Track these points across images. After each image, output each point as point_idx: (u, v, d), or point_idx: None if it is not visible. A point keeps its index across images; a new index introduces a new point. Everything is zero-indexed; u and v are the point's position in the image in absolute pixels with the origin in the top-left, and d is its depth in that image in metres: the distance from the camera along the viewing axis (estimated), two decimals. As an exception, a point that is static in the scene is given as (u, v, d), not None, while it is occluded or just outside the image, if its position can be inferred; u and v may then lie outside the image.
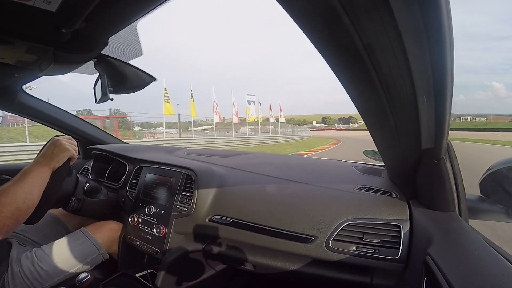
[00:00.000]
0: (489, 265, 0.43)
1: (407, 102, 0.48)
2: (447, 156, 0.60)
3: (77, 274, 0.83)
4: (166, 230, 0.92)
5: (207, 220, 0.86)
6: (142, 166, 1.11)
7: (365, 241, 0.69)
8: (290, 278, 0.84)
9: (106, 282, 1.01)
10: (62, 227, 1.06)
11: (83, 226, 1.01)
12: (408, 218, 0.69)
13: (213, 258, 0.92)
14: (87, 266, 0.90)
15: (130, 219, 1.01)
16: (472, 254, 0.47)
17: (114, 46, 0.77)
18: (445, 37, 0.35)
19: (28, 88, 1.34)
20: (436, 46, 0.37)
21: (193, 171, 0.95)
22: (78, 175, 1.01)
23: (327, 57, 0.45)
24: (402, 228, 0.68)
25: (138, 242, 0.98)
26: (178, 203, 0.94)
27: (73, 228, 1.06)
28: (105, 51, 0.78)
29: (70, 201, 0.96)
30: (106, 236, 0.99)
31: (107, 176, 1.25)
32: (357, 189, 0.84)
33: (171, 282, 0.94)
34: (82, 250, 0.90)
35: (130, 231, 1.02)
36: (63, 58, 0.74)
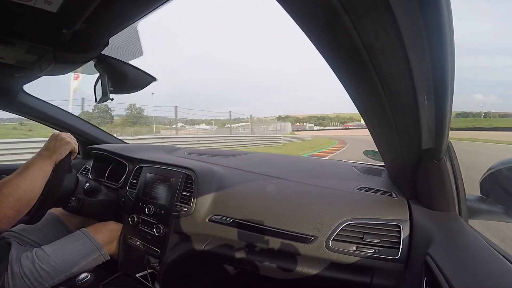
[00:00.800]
0: (489, 265, 0.43)
1: (408, 102, 0.48)
2: (447, 156, 0.60)
3: (77, 274, 0.83)
4: (166, 230, 0.92)
5: (207, 220, 0.86)
6: (142, 166, 1.11)
7: (365, 241, 0.69)
8: (290, 278, 0.84)
9: (106, 282, 1.01)
10: (62, 227, 1.06)
11: (83, 226, 1.01)
12: (408, 218, 0.69)
13: (213, 258, 0.92)
14: (88, 267, 0.90)
15: (130, 219, 1.01)
16: (472, 254, 0.47)
17: (114, 46, 0.77)
18: (445, 37, 0.35)
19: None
20: (436, 46, 0.37)
21: (193, 171, 0.95)
22: (78, 175, 1.01)
23: (328, 57, 0.45)
24: (402, 228, 0.68)
25: (138, 242, 0.98)
26: (178, 203, 0.94)
27: (73, 228, 1.06)
28: (105, 51, 0.78)
29: (70, 201, 0.96)
30: (106, 236, 0.99)
31: (107, 176, 1.25)
32: (357, 189, 0.84)
33: (171, 282, 0.94)
34: (83, 251, 0.90)
35: (130, 231, 1.02)
36: (64, 58, 0.75)
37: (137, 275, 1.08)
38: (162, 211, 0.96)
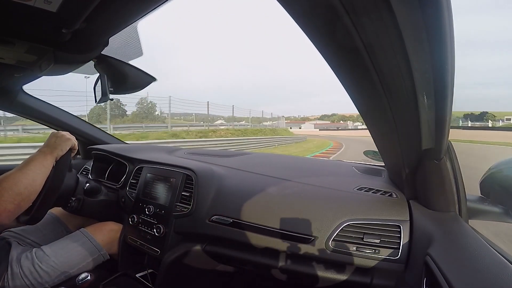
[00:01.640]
0: (489, 265, 0.43)
1: (408, 102, 0.48)
2: (447, 156, 0.60)
3: (77, 274, 0.83)
4: (166, 230, 0.92)
5: (207, 220, 0.86)
6: (142, 166, 1.11)
7: (365, 241, 0.69)
8: (290, 278, 0.84)
9: (106, 282, 1.00)
10: (62, 228, 1.06)
11: (83, 227, 1.01)
12: (408, 219, 0.69)
13: (213, 258, 0.92)
14: (88, 267, 0.90)
15: (130, 219, 1.01)
16: (472, 254, 0.47)
17: (114, 46, 0.77)
18: (445, 37, 0.35)
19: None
20: (436, 46, 0.37)
21: (193, 171, 0.95)
22: (78, 175, 1.01)
23: (328, 57, 0.45)
24: (402, 228, 0.68)
25: (138, 242, 0.98)
26: (178, 203, 0.94)
27: (73, 228, 1.06)
28: (105, 51, 0.78)
29: (70, 201, 0.96)
30: (106, 236, 0.99)
31: (107, 176, 1.25)
32: (357, 189, 0.84)
33: (171, 282, 0.94)
34: (83, 251, 0.90)
35: (130, 231, 1.02)
36: (63, 58, 0.75)
37: (137, 275, 1.08)
38: (162, 211, 0.95)
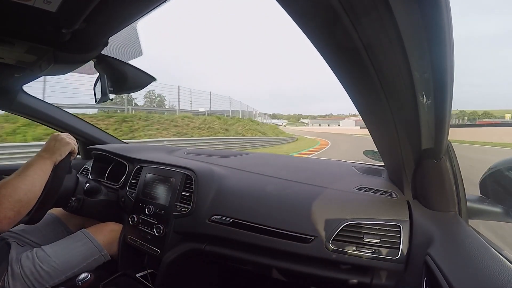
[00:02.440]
0: (489, 265, 0.43)
1: (407, 102, 0.48)
2: (447, 156, 0.60)
3: (77, 274, 0.83)
4: (166, 230, 0.92)
5: (207, 220, 0.86)
6: (142, 166, 1.11)
7: (365, 241, 0.69)
8: (290, 278, 0.84)
9: (106, 282, 1.00)
10: (62, 228, 1.06)
11: (83, 227, 1.01)
12: (408, 218, 0.69)
13: (213, 258, 0.92)
14: (89, 267, 0.90)
15: (130, 219, 1.01)
16: (472, 254, 0.47)
17: (114, 46, 0.77)
18: (445, 37, 0.35)
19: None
20: (436, 46, 0.37)
21: (193, 171, 0.95)
22: (78, 175, 1.01)
23: (327, 57, 0.45)
24: (402, 228, 0.68)
25: (138, 242, 0.98)
26: (178, 203, 0.94)
27: (73, 228, 1.06)
28: (105, 51, 0.78)
29: (70, 201, 0.96)
30: (107, 237, 0.99)
31: (107, 176, 1.26)
32: (357, 189, 0.84)
33: (171, 282, 0.94)
34: (84, 252, 0.90)
35: (130, 231, 1.02)
36: (63, 58, 0.75)
37: (137, 275, 1.08)
38: (162, 211, 0.95)
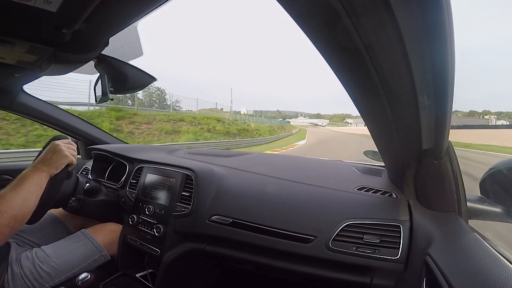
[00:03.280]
0: (489, 265, 0.43)
1: (408, 102, 0.48)
2: (447, 156, 0.60)
3: (77, 274, 0.83)
4: (166, 230, 0.92)
5: (207, 220, 0.86)
6: (142, 166, 1.11)
7: (365, 241, 0.69)
8: (290, 278, 0.84)
9: (106, 282, 1.00)
10: (61, 228, 1.06)
11: (83, 227, 1.01)
12: (408, 218, 0.69)
13: (213, 258, 0.92)
14: (89, 268, 0.89)
15: (130, 219, 1.01)
16: (472, 254, 0.47)
17: (114, 47, 0.77)
18: (445, 37, 0.35)
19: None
20: (436, 46, 0.37)
21: (193, 171, 0.95)
22: (78, 175, 1.01)
23: (328, 57, 0.45)
24: (402, 228, 0.68)
25: (138, 242, 0.98)
26: (178, 203, 0.94)
27: (73, 228, 1.06)
28: (105, 51, 0.78)
29: (70, 201, 0.96)
30: (107, 237, 0.99)
31: (107, 176, 1.26)
32: (357, 189, 0.84)
33: (171, 282, 0.94)
34: (84, 252, 0.90)
35: (130, 231, 1.02)
36: (64, 58, 0.75)
37: (137, 275, 1.08)
38: (162, 211, 0.95)
